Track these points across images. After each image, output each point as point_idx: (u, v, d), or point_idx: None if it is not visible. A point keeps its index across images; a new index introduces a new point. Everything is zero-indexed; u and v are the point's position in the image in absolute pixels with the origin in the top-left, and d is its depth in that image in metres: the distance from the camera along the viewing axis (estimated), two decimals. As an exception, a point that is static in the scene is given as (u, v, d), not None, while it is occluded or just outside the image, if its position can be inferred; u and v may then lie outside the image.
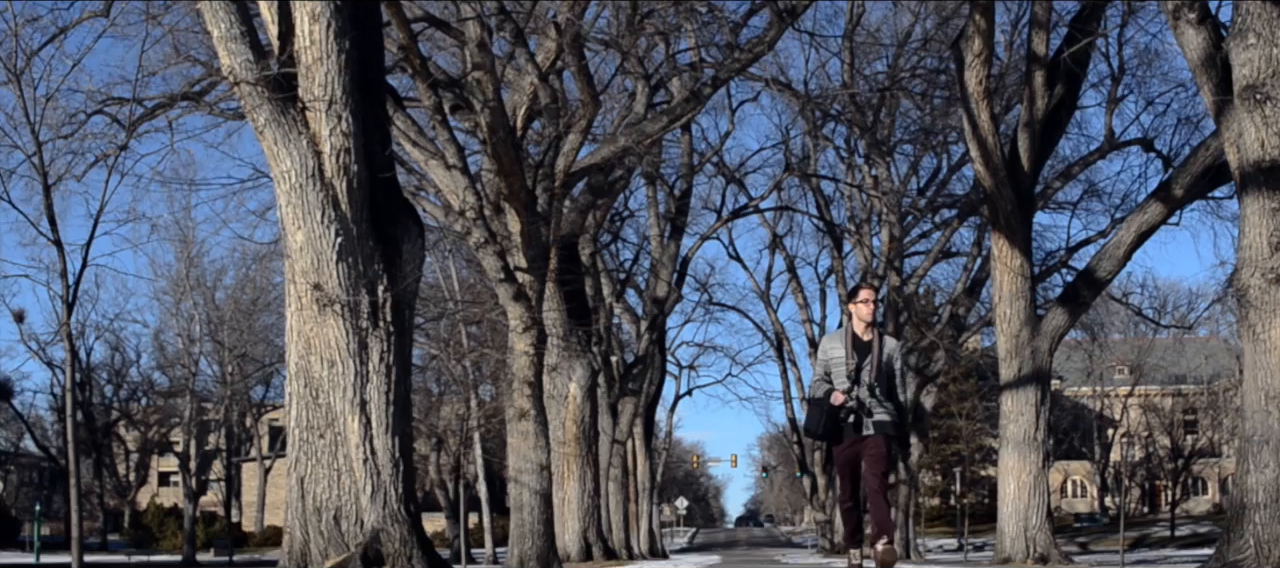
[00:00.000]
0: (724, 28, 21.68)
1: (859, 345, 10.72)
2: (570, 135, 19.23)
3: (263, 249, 31.80)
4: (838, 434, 10.76)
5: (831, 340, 10.92)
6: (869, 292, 10.86)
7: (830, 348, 10.86)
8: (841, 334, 10.89)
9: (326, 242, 10.19)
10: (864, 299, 10.81)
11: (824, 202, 39.52)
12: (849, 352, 10.69)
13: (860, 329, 10.77)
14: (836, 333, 11.04)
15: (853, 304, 10.87)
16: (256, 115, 10.08)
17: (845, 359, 10.70)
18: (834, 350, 10.81)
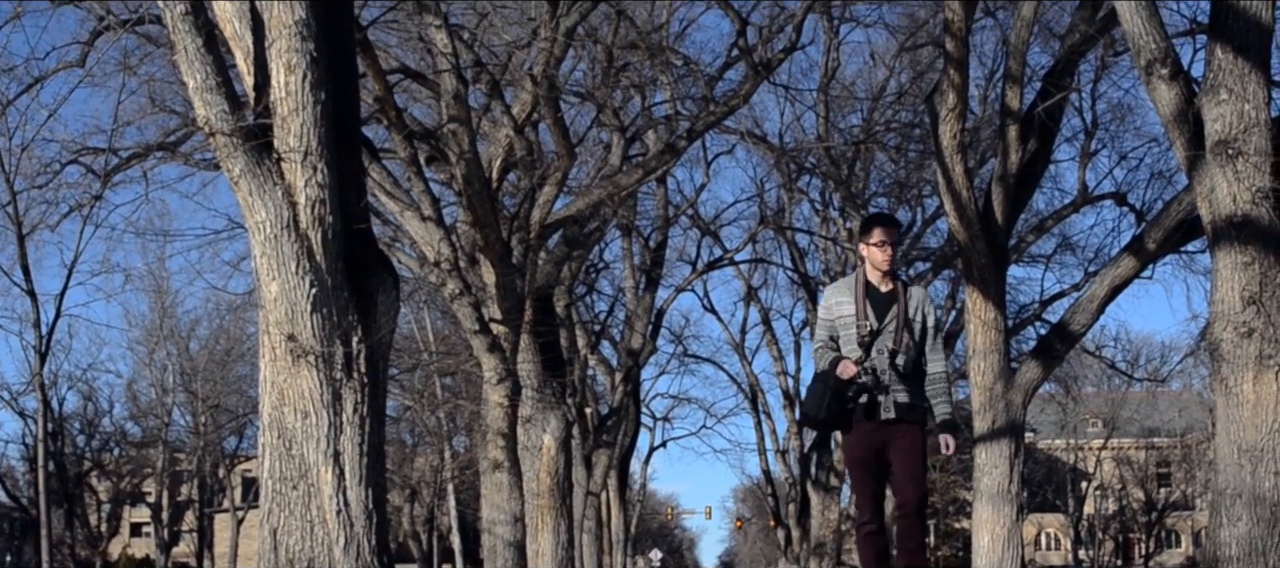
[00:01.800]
0: (700, 81, 21.77)
1: (875, 298, 8.35)
2: (546, 187, 19.25)
3: (237, 300, 31.71)
4: (847, 420, 8.34)
5: (837, 292, 8.46)
6: (887, 229, 8.40)
7: (836, 302, 8.40)
8: (850, 283, 8.46)
9: (301, 293, 10.17)
10: (879, 239, 8.34)
11: (799, 254, 39.60)
12: (861, 308, 8.31)
13: (875, 278, 8.37)
14: (844, 282, 8.54)
15: (865, 244, 8.42)
16: (231, 166, 10.07)
17: (856, 318, 8.30)
18: (841, 306, 8.37)
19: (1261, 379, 11.49)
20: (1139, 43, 11.90)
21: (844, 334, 8.37)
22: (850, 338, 8.34)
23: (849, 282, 8.51)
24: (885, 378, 8.29)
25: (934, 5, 22.35)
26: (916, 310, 8.45)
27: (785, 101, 29.78)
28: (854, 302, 8.39)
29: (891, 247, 8.38)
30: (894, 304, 8.40)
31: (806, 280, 40.11)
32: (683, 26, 24.97)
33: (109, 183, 15.65)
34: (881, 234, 8.41)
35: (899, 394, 8.34)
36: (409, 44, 20.24)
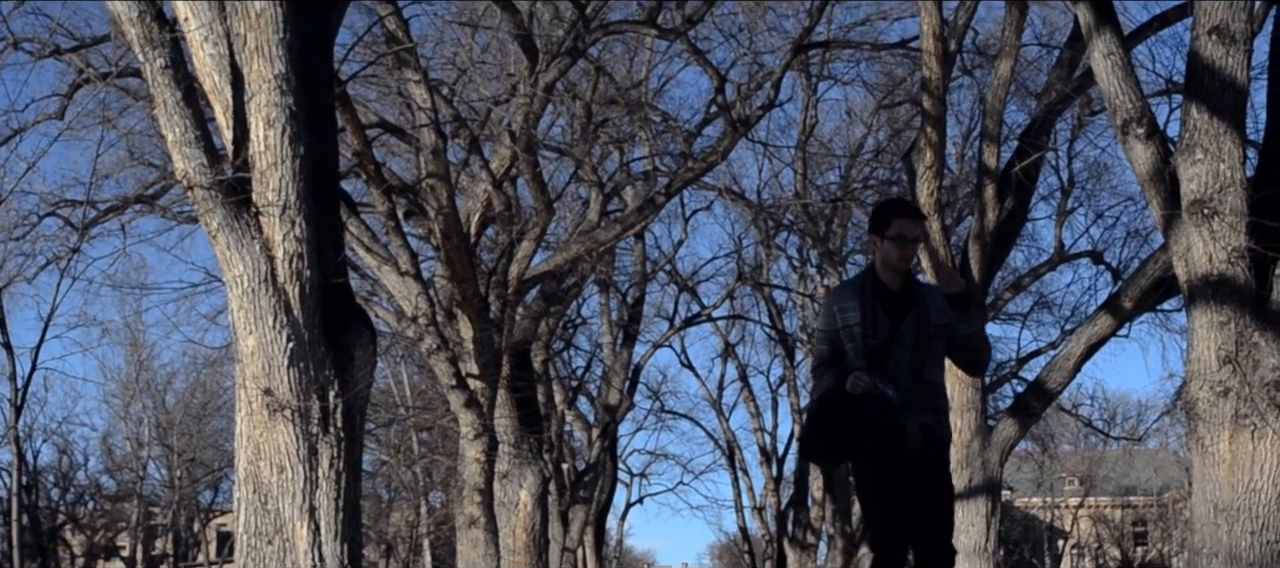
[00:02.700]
0: (678, 137, 21.85)
1: (887, 301, 6.98)
2: (524, 242, 19.25)
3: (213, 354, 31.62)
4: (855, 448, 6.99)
5: (841, 296, 7.10)
6: (909, 222, 7.02)
7: (839, 308, 7.04)
8: (856, 285, 7.12)
9: (278, 347, 10.14)
10: (897, 233, 6.96)
11: (776, 311, 39.64)
12: (872, 313, 6.96)
13: (888, 277, 7.01)
14: (848, 283, 7.23)
15: (879, 237, 7.02)
16: (210, 219, 10.05)
17: (863, 326, 6.96)
18: (846, 312, 7.00)
19: (1237, 439, 11.51)
20: (1115, 102, 11.98)
21: (850, 348, 6.98)
22: (859, 350, 6.96)
23: (855, 283, 7.12)
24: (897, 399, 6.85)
25: (911, 64, 22.48)
26: (941, 314, 7.02)
27: (763, 158, 29.89)
28: (861, 309, 6.95)
29: (914, 241, 7.01)
30: (912, 307, 6.96)
31: (784, 337, 40.11)
32: (661, 83, 25.11)
33: (87, 235, 15.61)
34: (900, 226, 6.99)
35: (923, 417, 6.97)
36: (388, 99, 20.28)
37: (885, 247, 7.01)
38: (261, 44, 10.12)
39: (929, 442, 7.02)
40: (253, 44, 10.13)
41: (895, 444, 6.94)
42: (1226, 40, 11.26)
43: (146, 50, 10.02)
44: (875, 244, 7.06)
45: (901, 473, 6.95)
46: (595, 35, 19.12)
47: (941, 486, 7.10)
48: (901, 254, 7.00)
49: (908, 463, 6.96)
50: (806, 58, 23.65)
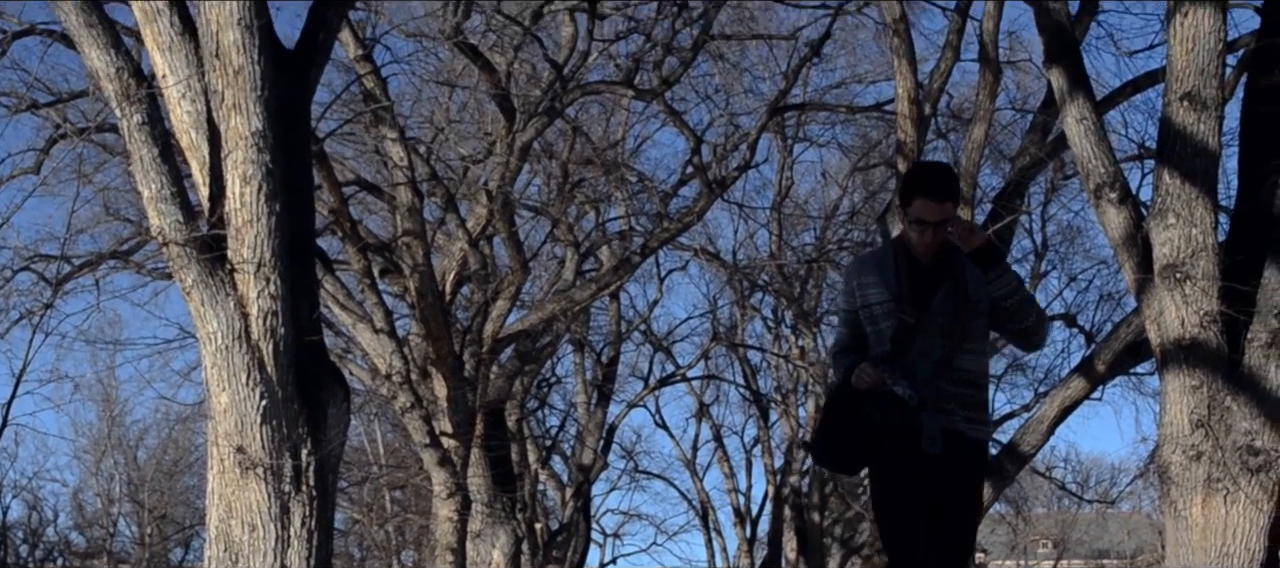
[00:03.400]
0: (654, 197, 21.91)
1: (917, 277, 5.90)
2: (499, 301, 19.25)
3: (186, 410, 31.48)
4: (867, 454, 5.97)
5: (863, 270, 6.05)
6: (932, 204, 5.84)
7: (860, 284, 6.00)
8: (881, 257, 6.06)
9: (251, 404, 10.11)
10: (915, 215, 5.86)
11: (751, 371, 39.62)
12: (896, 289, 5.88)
13: (922, 250, 5.91)
14: (871, 255, 6.25)
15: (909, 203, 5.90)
16: (184, 276, 10.04)
17: (889, 305, 5.89)
18: (867, 289, 5.97)
19: (1210, 503, 11.53)
20: (1088, 166, 12.05)
21: (871, 331, 5.93)
22: (881, 333, 5.89)
23: (879, 254, 6.12)
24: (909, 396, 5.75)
25: (886, 127, 22.60)
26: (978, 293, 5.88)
27: (739, 219, 29.99)
28: (884, 286, 5.90)
29: (947, 206, 5.83)
30: (945, 282, 5.87)
31: (758, 398, 40.10)
32: (638, 143, 25.21)
33: (61, 291, 15.56)
34: (921, 209, 5.85)
35: (952, 417, 5.83)
36: (365, 156, 20.30)
37: (909, 228, 5.93)
38: (239, 101, 10.14)
39: (953, 446, 5.80)
40: (230, 101, 10.15)
41: (909, 449, 5.79)
42: (1198, 106, 11.35)
43: (124, 106, 10.04)
44: (901, 219, 6.02)
45: (918, 483, 5.79)
46: (572, 96, 19.20)
47: (962, 499, 5.91)
48: (921, 240, 5.86)
49: (926, 471, 5.79)
50: (782, 120, 23.76)
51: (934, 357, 5.89)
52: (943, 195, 5.90)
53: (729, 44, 21.48)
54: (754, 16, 22.07)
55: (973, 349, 5.97)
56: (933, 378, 5.87)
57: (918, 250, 5.95)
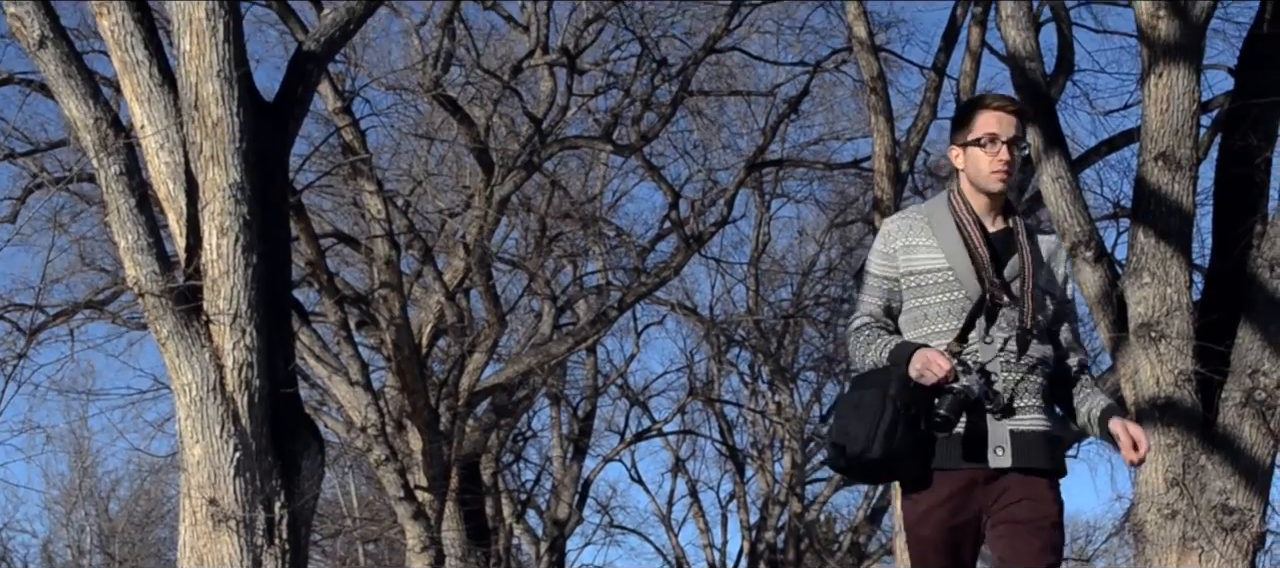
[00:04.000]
0: (632, 252, 21.93)
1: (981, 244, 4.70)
2: (475, 354, 19.22)
3: (159, 462, 31.30)
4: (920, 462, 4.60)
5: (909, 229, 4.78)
6: (1006, 117, 4.68)
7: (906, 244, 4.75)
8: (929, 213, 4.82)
9: (225, 456, 10.07)
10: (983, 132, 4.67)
11: (727, 427, 39.58)
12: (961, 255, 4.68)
13: (981, 205, 4.76)
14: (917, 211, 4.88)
15: (962, 145, 4.74)
16: (160, 327, 10.01)
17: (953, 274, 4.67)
18: (915, 252, 4.73)
19: (1185, 561, 11.53)
20: (1064, 225, 12.11)
21: (915, 305, 4.71)
22: (930, 311, 4.67)
23: (927, 210, 4.81)
24: (1005, 388, 4.59)
25: (863, 183, 22.67)
26: (1053, 264, 4.83)
27: (716, 274, 29.99)
28: (943, 246, 4.68)
29: (1015, 147, 4.69)
30: (1015, 253, 4.72)
31: (734, 453, 40.06)
32: (616, 198, 25.23)
33: (35, 340, 15.48)
34: (988, 122, 4.69)
35: (1026, 419, 4.63)
36: (343, 208, 20.30)
37: (972, 158, 4.73)
38: (217, 152, 10.14)
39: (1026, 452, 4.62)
40: (208, 152, 10.15)
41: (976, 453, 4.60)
42: (1173, 166, 11.43)
43: (101, 156, 10.02)
44: (956, 160, 4.80)
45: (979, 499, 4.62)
46: (551, 150, 19.24)
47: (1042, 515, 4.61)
48: (994, 162, 4.67)
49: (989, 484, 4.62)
50: (760, 175, 23.83)
51: (1008, 345, 4.66)
52: (1015, 109, 4.76)
53: (707, 100, 21.57)
54: (733, 73, 22.17)
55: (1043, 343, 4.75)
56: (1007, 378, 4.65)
57: (986, 185, 4.72)
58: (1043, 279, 4.81)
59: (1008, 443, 4.64)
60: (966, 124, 4.78)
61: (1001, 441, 4.65)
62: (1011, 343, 4.68)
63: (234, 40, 10.24)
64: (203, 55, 10.12)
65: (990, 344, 4.67)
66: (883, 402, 4.57)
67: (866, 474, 5.02)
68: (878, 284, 4.86)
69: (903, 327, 4.82)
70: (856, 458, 4.58)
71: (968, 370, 4.59)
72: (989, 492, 4.67)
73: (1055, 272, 4.88)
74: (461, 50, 19.34)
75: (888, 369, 4.64)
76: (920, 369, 4.56)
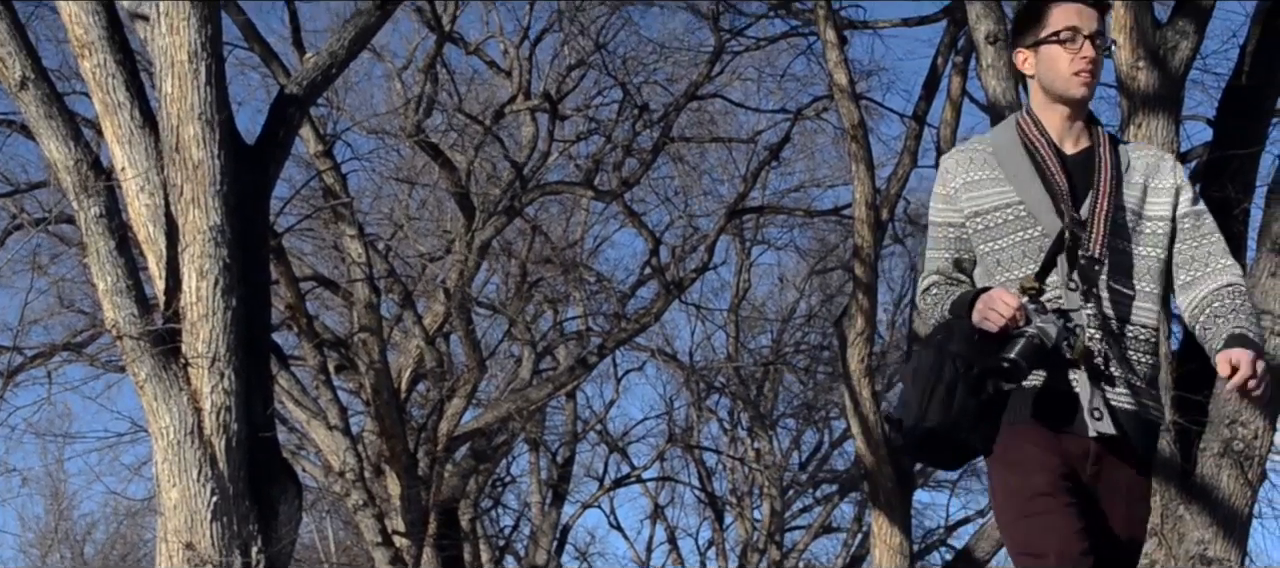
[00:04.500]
0: (612, 297, 21.94)
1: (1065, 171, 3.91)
2: (454, 399, 19.18)
3: (135, 505, 31.12)
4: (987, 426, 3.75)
5: (970, 162, 4.02)
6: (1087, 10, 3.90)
7: (969, 180, 3.99)
8: (996, 142, 4.03)
9: (202, 500, 10.02)
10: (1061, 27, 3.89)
11: (706, 473, 39.52)
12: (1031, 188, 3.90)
13: (1057, 123, 3.95)
14: (981, 141, 4.09)
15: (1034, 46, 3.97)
16: (138, 370, 9.98)
17: (1025, 208, 3.90)
18: (980, 188, 3.97)
19: (1163, 611, 11.53)
20: (1043, 275, 12.13)
21: (988, 250, 3.93)
22: (1005, 256, 3.90)
23: (991, 138, 4.05)
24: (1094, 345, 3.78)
25: (844, 231, 22.74)
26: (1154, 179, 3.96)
27: (696, 320, 30.01)
28: (1012, 177, 3.91)
29: (1096, 48, 3.86)
30: (1096, 173, 3.88)
31: (714, 500, 39.98)
32: (597, 244, 25.25)
33: (12, 382, 15.41)
34: (1066, 15, 3.90)
35: (1119, 392, 3.82)
36: (323, 252, 20.28)
37: (1046, 59, 3.94)
38: (198, 195, 10.13)
39: (1125, 425, 3.81)
40: (189, 195, 10.14)
41: (1064, 415, 3.81)
42: (1152, 217, 11.46)
43: (81, 198, 10.01)
44: (1025, 66, 4.03)
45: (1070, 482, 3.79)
46: (532, 195, 19.26)
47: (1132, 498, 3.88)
48: (1077, 61, 3.89)
49: (1082, 463, 3.82)
50: (741, 222, 23.88)
51: (1092, 290, 3.84)
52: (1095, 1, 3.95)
53: (689, 146, 21.62)
54: (714, 119, 22.25)
55: (1139, 287, 3.90)
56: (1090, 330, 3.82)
57: (1065, 93, 3.92)
58: (1132, 199, 3.91)
59: (1105, 410, 3.79)
60: (1038, 19, 3.97)
61: (1098, 404, 3.79)
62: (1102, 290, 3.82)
63: (216, 83, 10.25)
64: (184, 97, 10.13)
65: (1075, 290, 3.80)
66: (939, 360, 3.74)
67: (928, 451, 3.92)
68: (942, 235, 4.06)
69: (978, 281, 4.03)
70: (912, 431, 3.78)
71: (1042, 311, 3.74)
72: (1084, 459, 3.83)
73: (1157, 187, 3.96)
74: (443, 95, 19.39)
75: (947, 323, 3.87)
76: (982, 312, 3.75)
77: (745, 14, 19.52)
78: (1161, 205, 3.99)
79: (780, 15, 19.51)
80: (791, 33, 19.80)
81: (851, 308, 18.94)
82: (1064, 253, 3.85)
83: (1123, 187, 3.93)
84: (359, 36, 11.60)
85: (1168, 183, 3.99)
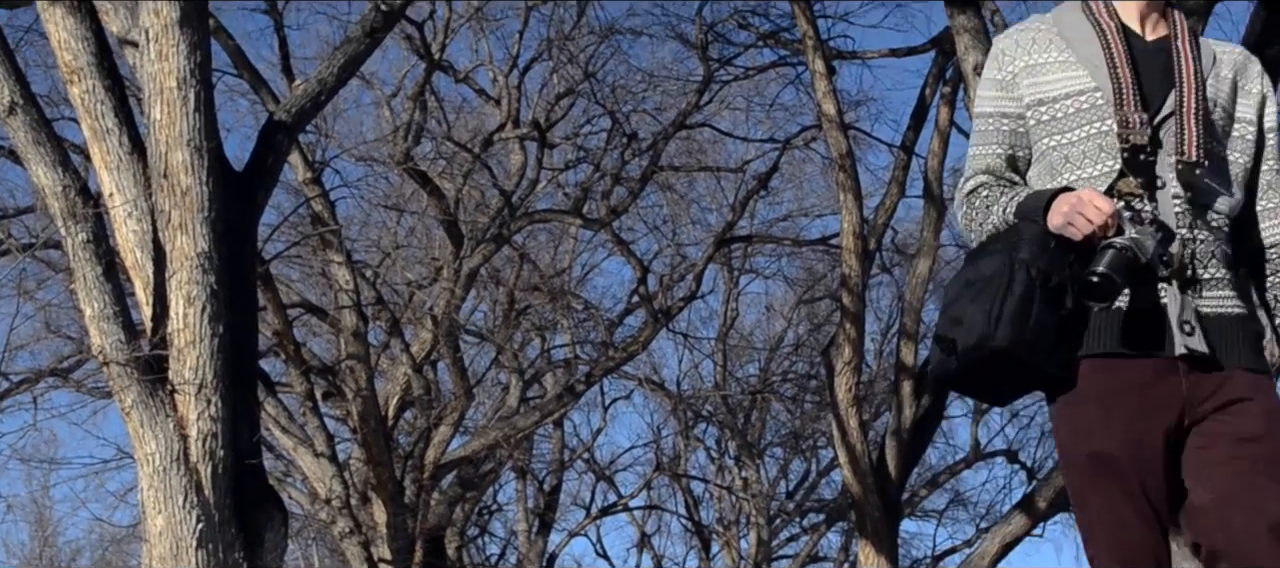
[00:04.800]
0: (600, 326, 21.93)
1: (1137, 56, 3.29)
2: (441, 427, 19.16)
3: (121, 532, 31.02)
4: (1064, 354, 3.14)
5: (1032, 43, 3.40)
6: None
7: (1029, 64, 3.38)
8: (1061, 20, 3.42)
9: (187, 528, 9.99)
10: None
11: (693, 502, 39.45)
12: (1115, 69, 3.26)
13: (1131, 9, 3.36)
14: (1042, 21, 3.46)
15: None
16: (124, 396, 9.96)
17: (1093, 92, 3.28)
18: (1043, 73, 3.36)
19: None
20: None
21: (1051, 146, 3.35)
22: (1084, 152, 3.31)
23: (1054, 18, 3.48)
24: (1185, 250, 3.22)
25: (831, 260, 22.77)
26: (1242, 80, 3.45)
27: (684, 349, 29.99)
28: (1086, 60, 3.34)
29: None
30: (1176, 65, 3.35)
31: (701, 529, 39.91)
32: (585, 272, 25.26)
33: (-3, 408, 15.41)
34: None
35: (1215, 296, 3.26)
36: (311, 279, 20.27)
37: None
38: (186, 221, 10.12)
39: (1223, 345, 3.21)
40: (177, 221, 10.13)
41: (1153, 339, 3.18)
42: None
43: (69, 224, 10.00)
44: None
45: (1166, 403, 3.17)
46: (520, 223, 19.27)
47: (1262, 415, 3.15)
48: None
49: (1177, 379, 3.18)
50: (729, 251, 23.91)
51: (1183, 196, 3.28)
52: None
53: (677, 175, 21.66)
54: (702, 148, 22.29)
55: (1236, 200, 3.38)
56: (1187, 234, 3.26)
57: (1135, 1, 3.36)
58: (1222, 96, 3.39)
59: (1196, 322, 3.20)
60: None
61: (1188, 316, 3.19)
62: (1178, 191, 3.26)
63: (205, 110, 10.25)
64: (173, 124, 10.13)
65: (1160, 190, 3.26)
66: (1009, 269, 3.13)
67: (987, 378, 3.22)
68: (994, 127, 3.44)
69: (1035, 182, 3.41)
70: (974, 352, 3.11)
71: (1137, 219, 3.16)
72: (1174, 391, 3.18)
73: (1246, 89, 3.45)
74: (432, 122, 19.42)
75: (1015, 228, 3.24)
76: (1067, 215, 3.14)
77: (734, 44, 19.60)
78: (1250, 109, 3.45)
79: (769, 45, 19.58)
80: (780, 63, 19.88)
81: (839, 337, 18.96)
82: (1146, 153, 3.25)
83: (1209, 82, 3.37)
84: (348, 64, 11.61)
85: (1255, 87, 3.46)
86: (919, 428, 20.38)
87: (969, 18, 12.61)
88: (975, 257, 3.32)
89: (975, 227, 3.43)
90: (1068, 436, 3.25)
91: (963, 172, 3.53)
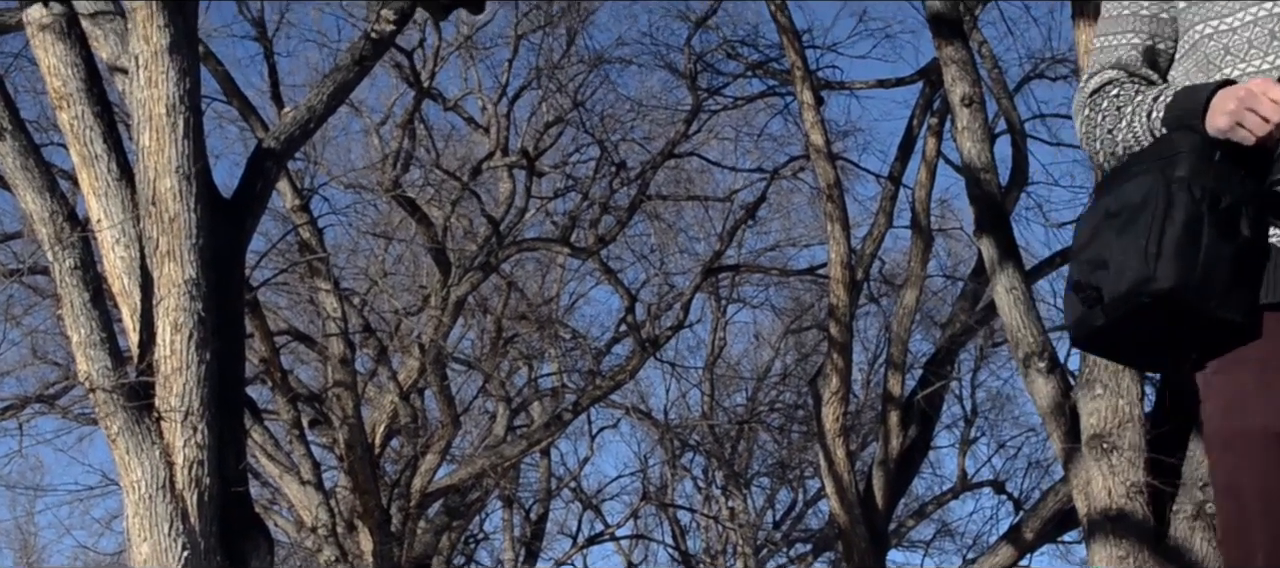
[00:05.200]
0: (587, 355, 21.93)
1: None
2: (428, 455, 19.13)
3: (106, 560, 30.89)
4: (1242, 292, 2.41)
5: None
6: None
7: None
8: None
9: (173, 555, 9.96)
10: None
11: (680, 531, 39.36)
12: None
13: None
14: None
15: None
16: (110, 423, 9.93)
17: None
18: None
19: (1136, 674, 11.52)
20: (1017, 335, 12.18)
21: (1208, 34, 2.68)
22: (1249, 39, 2.62)
23: None
24: None
25: (819, 290, 22.80)
26: None
27: (671, 378, 29.97)
28: None
29: None
30: None
31: (688, 558, 39.83)
32: (572, 301, 25.24)
33: (-18, 434, 15.35)
34: None
35: None
36: (298, 306, 20.24)
37: None
38: (173, 248, 10.11)
39: None
40: (164, 248, 10.13)
41: None
42: (1125, 279, 11.49)
43: (56, 250, 9.99)
44: None
45: None
46: (508, 251, 19.28)
47: None
48: None
49: None
50: (716, 280, 23.92)
51: None
52: None
53: (665, 204, 21.69)
54: (691, 178, 22.32)
55: None
56: None
57: None
58: None
59: None
60: None
61: None
62: None
63: (194, 136, 10.26)
64: (162, 151, 10.13)
65: None
66: (1165, 191, 2.50)
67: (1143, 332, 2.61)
68: (1130, 11, 2.81)
69: (1182, 81, 2.75)
70: (1125, 299, 2.53)
71: None
72: None
73: None
74: (421, 150, 19.44)
75: (1166, 138, 2.60)
76: (1234, 114, 2.50)
77: (723, 73, 19.65)
78: None
79: (757, 75, 19.63)
80: (768, 93, 19.93)
81: (826, 367, 18.97)
82: None
83: None
84: (337, 91, 11.62)
85: None
86: (906, 458, 20.38)
87: (956, 49, 12.67)
88: (1115, 179, 2.63)
89: (1102, 136, 2.77)
90: (1218, 409, 2.62)
91: (1084, 70, 2.86)
